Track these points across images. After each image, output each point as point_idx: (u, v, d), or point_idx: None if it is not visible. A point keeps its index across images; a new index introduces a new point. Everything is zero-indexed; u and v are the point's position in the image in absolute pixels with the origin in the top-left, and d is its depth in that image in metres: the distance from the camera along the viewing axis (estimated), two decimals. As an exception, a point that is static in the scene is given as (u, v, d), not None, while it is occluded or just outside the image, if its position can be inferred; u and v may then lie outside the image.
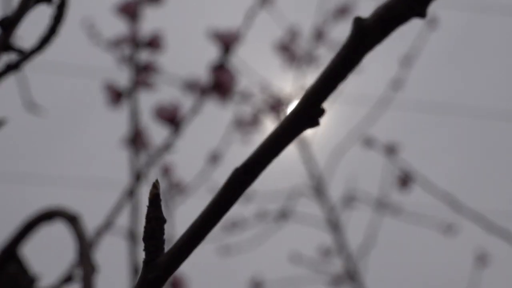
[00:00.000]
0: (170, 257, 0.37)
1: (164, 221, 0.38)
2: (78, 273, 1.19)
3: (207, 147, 2.41)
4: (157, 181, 0.38)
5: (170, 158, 2.13)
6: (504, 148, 4.26)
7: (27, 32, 0.89)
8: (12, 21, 0.78)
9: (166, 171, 2.34)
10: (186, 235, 0.36)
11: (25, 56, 0.84)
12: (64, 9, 0.82)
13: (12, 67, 0.86)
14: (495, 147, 4.41)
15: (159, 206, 0.38)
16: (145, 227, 0.38)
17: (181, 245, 0.36)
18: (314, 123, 0.34)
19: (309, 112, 0.34)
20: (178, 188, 2.30)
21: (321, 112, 0.34)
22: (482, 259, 3.07)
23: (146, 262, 0.37)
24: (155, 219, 0.37)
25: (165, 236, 0.38)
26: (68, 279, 1.23)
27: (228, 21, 2.01)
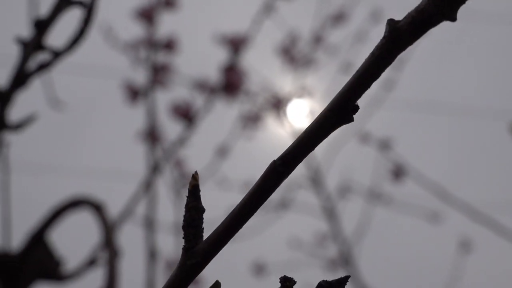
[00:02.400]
0: (209, 245, 0.35)
1: (203, 210, 0.36)
2: (102, 257, 1.18)
3: (215, 141, 2.40)
4: (196, 172, 0.37)
5: (183, 151, 2.12)
6: (489, 143, 4.27)
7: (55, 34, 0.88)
8: (45, 23, 0.77)
9: (179, 163, 2.33)
10: (224, 223, 0.35)
11: (56, 56, 0.83)
12: (93, 13, 0.81)
13: (44, 66, 0.85)
14: (480, 142, 4.41)
15: (198, 197, 0.37)
16: (185, 216, 0.36)
17: (219, 233, 0.35)
18: (349, 119, 0.33)
19: (344, 109, 0.33)
20: (188, 180, 2.29)
21: (355, 109, 0.33)
22: (465, 246, 3.08)
23: (185, 249, 0.36)
24: (194, 209, 0.36)
25: (203, 225, 0.36)
26: (92, 262, 1.22)
27: (236, 26, 2.00)
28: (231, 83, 1.90)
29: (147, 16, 1.86)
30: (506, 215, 2.17)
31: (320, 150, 3.09)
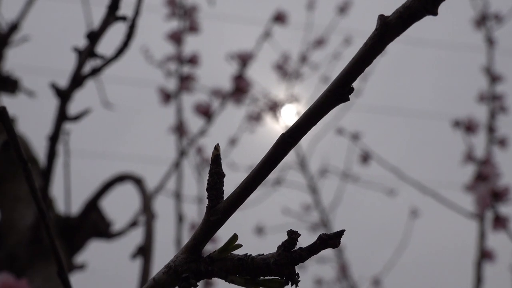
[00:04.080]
0: (228, 204, 0.32)
1: (223, 175, 0.33)
2: (142, 220, 1.15)
3: (227, 133, 2.38)
4: (217, 144, 0.33)
5: (203, 141, 2.10)
6: (435, 137, 4.26)
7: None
8: (96, 35, 0.74)
9: (199, 150, 2.30)
10: (242, 186, 0.32)
11: (106, 62, 0.80)
12: (134, 28, 0.77)
13: (96, 71, 0.81)
14: (428, 136, 4.41)
15: (219, 164, 0.33)
16: (208, 180, 0.33)
17: (237, 194, 0.32)
18: (345, 98, 0.30)
19: (342, 90, 0.30)
20: (207, 162, 2.27)
21: (351, 90, 0.30)
22: (414, 213, 3.06)
23: (209, 207, 0.32)
24: (216, 174, 0.33)
25: (224, 188, 0.33)
26: (134, 224, 1.19)
27: (243, 46, 1.97)
28: (239, 89, 1.87)
29: (175, 38, 1.83)
30: (447, 190, 2.14)
31: (305, 141, 3.07)
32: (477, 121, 2.04)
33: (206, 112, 1.76)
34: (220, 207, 0.32)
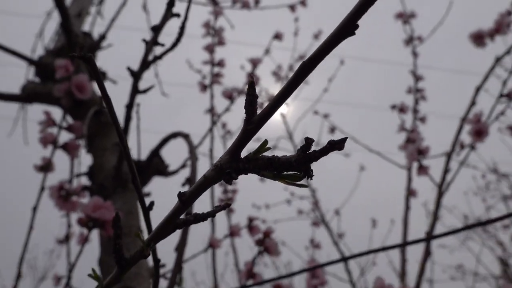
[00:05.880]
0: (261, 116, 0.27)
1: (257, 96, 0.28)
2: (189, 163, 1.11)
3: (242, 115, 2.33)
4: (252, 73, 0.29)
5: (227, 117, 2.05)
6: (380, 119, 4.21)
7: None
8: (158, 27, 0.69)
9: (224, 125, 2.25)
10: (271, 102, 0.27)
11: (164, 51, 0.75)
12: (184, 27, 0.72)
13: (158, 58, 0.76)
14: (376, 118, 4.36)
15: (254, 88, 0.28)
16: (246, 99, 0.28)
17: (268, 109, 0.27)
18: (352, 33, 0.25)
19: (349, 26, 0.25)
20: (229, 134, 2.22)
21: (356, 26, 0.25)
22: (362, 168, 3.02)
23: (246, 120, 0.28)
24: (252, 95, 0.28)
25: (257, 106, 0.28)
26: (183, 166, 1.14)
27: (253, 55, 1.91)
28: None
29: (209, 49, 1.77)
30: (387, 150, 2.10)
31: (291, 121, 3.01)
32: (407, 106, 1.99)
33: (229, 96, 1.71)
34: (255, 119, 0.28)
